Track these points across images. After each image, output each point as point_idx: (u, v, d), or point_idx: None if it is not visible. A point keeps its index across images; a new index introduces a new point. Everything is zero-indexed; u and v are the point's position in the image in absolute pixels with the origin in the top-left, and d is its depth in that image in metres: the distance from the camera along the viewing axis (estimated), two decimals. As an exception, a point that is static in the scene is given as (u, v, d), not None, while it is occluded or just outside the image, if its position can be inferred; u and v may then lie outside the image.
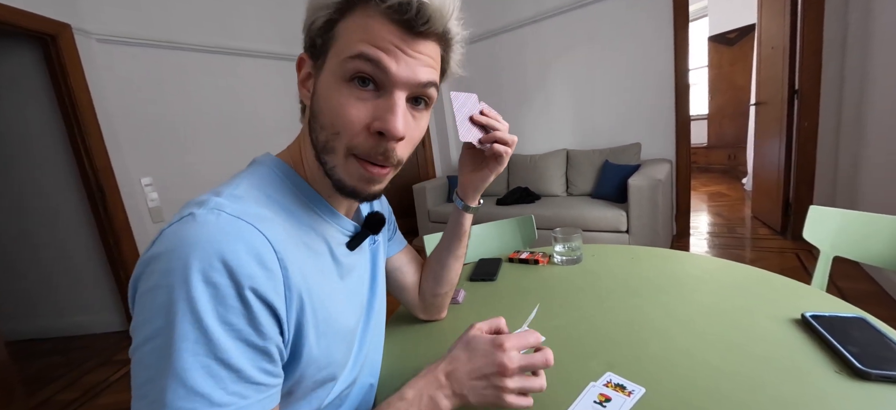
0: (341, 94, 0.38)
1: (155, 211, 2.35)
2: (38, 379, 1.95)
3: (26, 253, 2.32)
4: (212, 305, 0.30)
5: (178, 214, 0.34)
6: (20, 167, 2.19)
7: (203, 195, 0.36)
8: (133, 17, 2.21)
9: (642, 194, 2.10)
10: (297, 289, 0.36)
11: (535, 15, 2.94)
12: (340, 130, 0.38)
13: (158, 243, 0.32)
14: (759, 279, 0.74)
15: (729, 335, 0.57)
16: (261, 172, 0.42)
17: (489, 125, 0.54)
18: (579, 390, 0.50)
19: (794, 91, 2.32)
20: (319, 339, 0.40)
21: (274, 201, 0.40)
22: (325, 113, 0.39)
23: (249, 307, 0.31)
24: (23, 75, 2.04)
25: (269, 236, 0.34)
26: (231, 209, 0.34)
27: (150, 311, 0.30)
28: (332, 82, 0.38)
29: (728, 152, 4.95)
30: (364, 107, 0.38)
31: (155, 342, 0.29)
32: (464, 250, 0.67)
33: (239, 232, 0.32)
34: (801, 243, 2.33)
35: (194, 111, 2.50)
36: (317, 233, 0.43)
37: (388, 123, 0.37)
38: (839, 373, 0.47)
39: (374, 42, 0.36)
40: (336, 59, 0.38)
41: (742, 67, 4.58)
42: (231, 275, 0.30)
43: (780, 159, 2.51)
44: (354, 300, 0.49)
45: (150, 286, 0.30)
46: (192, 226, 0.31)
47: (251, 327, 0.32)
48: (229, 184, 0.38)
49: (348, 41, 0.37)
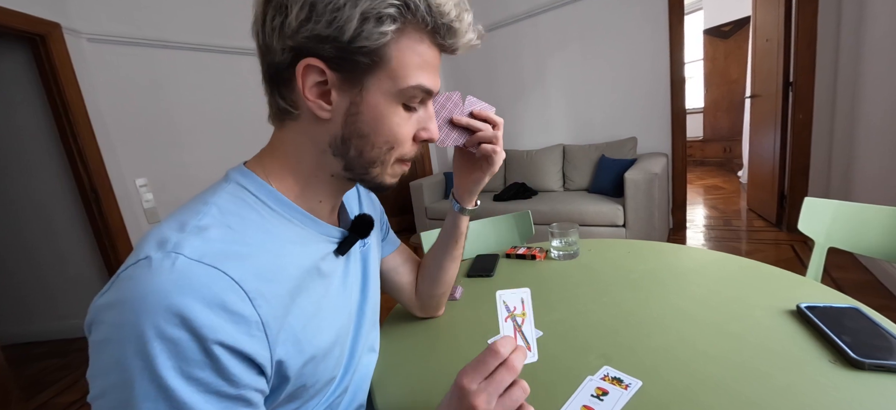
0: (398, 114, 0.40)
1: (150, 212, 2.34)
2: (36, 383, 1.94)
3: (21, 256, 2.30)
4: (172, 361, 0.28)
5: (135, 253, 0.32)
6: (13, 170, 2.17)
7: (166, 226, 0.33)
8: (124, 15, 2.19)
9: (638, 188, 2.10)
10: (275, 322, 0.34)
11: (531, 10, 2.93)
12: (395, 145, 0.41)
13: (112, 290, 0.30)
14: (754, 271, 0.74)
15: (725, 327, 0.58)
16: (233, 190, 0.39)
17: (470, 126, 0.52)
18: (577, 384, 0.50)
19: (789, 83, 2.33)
20: (306, 365, 0.39)
21: (249, 223, 0.37)
22: (379, 133, 0.40)
23: (216, 359, 0.29)
24: (12, 77, 2.01)
25: (237, 277, 0.32)
26: (191, 251, 0.31)
27: (102, 365, 0.29)
28: (385, 103, 0.39)
29: (723, 145, 4.98)
30: (411, 123, 0.42)
31: (110, 398, 0.28)
32: (460, 252, 0.66)
33: (196, 280, 0.30)
34: (796, 234, 2.35)
35: (188, 111, 2.47)
36: (299, 249, 0.41)
37: (433, 132, 0.44)
38: (834, 363, 0.47)
39: (427, 70, 0.39)
40: (390, 82, 0.38)
41: (737, 60, 4.59)
42: (190, 328, 0.28)
43: (775, 151, 2.53)
44: (344, 309, 0.48)
45: (101, 337, 0.29)
46: (146, 275, 0.29)
47: (221, 378, 0.30)
48: (197, 210, 0.35)
49: (406, 67, 0.38)
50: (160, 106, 2.35)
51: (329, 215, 0.48)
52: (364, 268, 0.55)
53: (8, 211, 2.23)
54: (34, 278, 2.32)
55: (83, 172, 2.04)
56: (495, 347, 0.36)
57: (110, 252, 2.15)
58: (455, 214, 0.63)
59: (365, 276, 0.55)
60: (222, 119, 2.62)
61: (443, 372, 0.58)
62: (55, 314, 2.37)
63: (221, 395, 0.30)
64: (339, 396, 0.47)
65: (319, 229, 0.44)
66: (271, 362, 0.34)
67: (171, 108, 2.40)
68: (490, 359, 0.36)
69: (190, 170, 2.47)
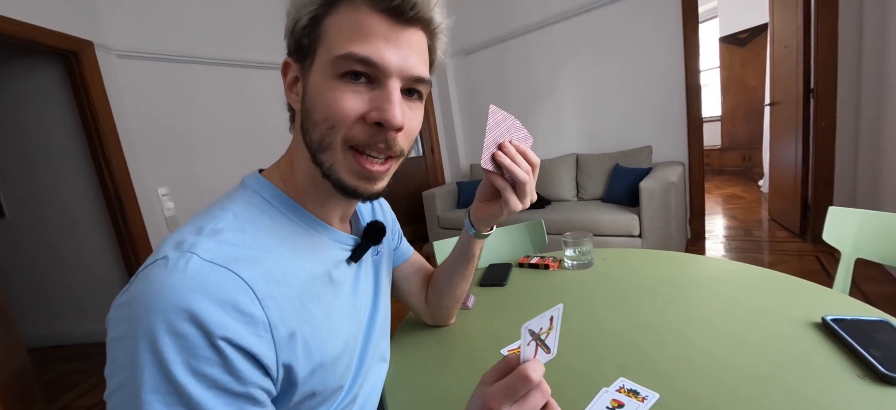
0: (334, 88, 0.37)
1: (171, 220, 2.41)
2: (58, 385, 2.00)
3: (48, 262, 2.40)
4: (181, 356, 0.28)
5: (154, 254, 0.33)
6: (43, 179, 2.27)
7: (185, 230, 0.35)
8: (150, 32, 2.29)
9: (654, 198, 2.07)
10: (285, 327, 0.35)
11: (543, 20, 2.94)
12: (336, 123, 0.37)
13: (131, 288, 0.31)
14: (777, 282, 0.72)
15: (746, 338, 0.56)
16: (248, 197, 0.41)
17: (503, 164, 0.46)
18: (591, 396, 0.49)
19: (810, 90, 2.27)
20: (314, 372, 0.39)
21: (262, 228, 0.38)
22: (318, 109, 0.38)
23: (224, 355, 0.30)
24: (47, 90, 2.12)
25: (247, 279, 0.33)
26: (206, 252, 0.32)
27: (117, 361, 0.29)
28: (322, 80, 0.37)
29: (743, 154, 4.85)
30: (359, 98, 0.37)
31: (123, 393, 0.29)
32: (472, 272, 0.65)
33: (208, 280, 0.31)
34: (821, 245, 2.26)
35: (208, 122, 2.56)
36: (311, 256, 0.41)
37: (387, 112, 0.37)
38: (862, 378, 0.45)
39: (363, 38, 0.36)
40: (325, 57, 0.37)
41: (754, 68, 4.50)
42: (199, 325, 0.29)
43: (797, 159, 2.45)
44: (355, 317, 0.48)
45: (117, 334, 0.30)
46: (162, 273, 0.30)
47: (228, 374, 0.30)
48: (214, 215, 0.37)
49: (337, 38, 0.36)
50: (182, 118, 2.44)
51: (340, 223, 0.48)
52: (376, 277, 0.55)
53: (39, 217, 2.34)
54: (60, 282, 2.41)
55: (110, 181, 2.12)
56: (526, 373, 0.31)
57: (132, 258, 2.22)
58: (469, 237, 0.59)
59: (377, 285, 0.55)
60: (240, 131, 2.70)
61: (456, 382, 0.58)
62: (79, 317, 2.45)
63: (228, 392, 0.30)
64: (348, 405, 0.47)
65: (331, 236, 0.45)
66: (277, 364, 0.34)
67: (192, 120, 2.49)
68: (520, 386, 0.31)
69: (209, 180, 2.55)
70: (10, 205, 2.36)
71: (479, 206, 0.56)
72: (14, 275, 2.41)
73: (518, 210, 0.48)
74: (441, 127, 3.70)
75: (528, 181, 0.46)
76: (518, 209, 0.48)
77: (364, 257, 0.50)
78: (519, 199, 0.47)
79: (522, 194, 0.47)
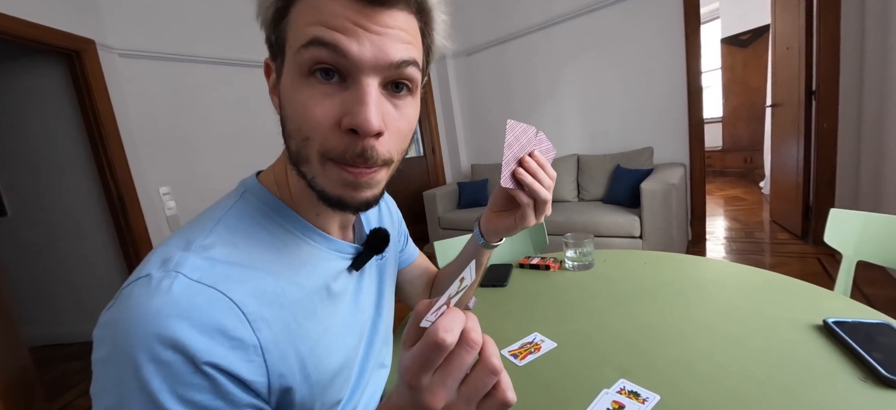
0: (303, 92, 0.32)
1: (172, 219, 2.41)
2: (59, 384, 2.01)
3: (50, 260, 2.40)
4: (166, 384, 0.27)
5: (139, 269, 0.31)
6: (45, 177, 2.28)
7: (173, 241, 0.33)
8: (152, 31, 2.30)
9: (655, 199, 2.06)
10: (278, 350, 0.33)
11: (544, 21, 2.94)
12: (309, 135, 0.32)
13: (114, 307, 0.30)
14: (778, 284, 0.72)
15: (747, 340, 0.56)
16: (242, 206, 0.38)
17: (525, 182, 0.44)
18: (592, 397, 0.49)
19: (812, 92, 2.27)
20: (312, 390, 0.37)
21: (257, 242, 0.36)
22: (291, 118, 0.33)
23: (212, 379, 0.29)
24: (49, 89, 2.13)
25: (237, 299, 0.31)
26: (193, 271, 0.30)
27: (102, 384, 0.28)
28: (291, 81, 0.33)
29: (744, 155, 4.84)
30: (330, 103, 0.32)
31: None
32: (477, 281, 0.64)
33: (194, 303, 0.29)
34: (823, 247, 2.25)
35: (210, 121, 2.56)
36: (308, 269, 0.39)
37: (358, 116, 0.31)
38: (864, 381, 0.45)
39: (327, 22, 0.30)
40: (292, 51, 0.32)
41: (756, 69, 4.49)
42: (182, 352, 0.27)
43: (798, 161, 2.45)
44: (354, 329, 0.45)
45: (101, 356, 0.29)
46: (143, 295, 0.29)
47: (219, 398, 0.29)
48: (205, 227, 0.35)
49: (299, 28, 0.31)
50: (183, 117, 2.44)
51: (341, 229, 0.46)
52: (379, 282, 0.53)
53: (41, 215, 2.34)
54: (62, 281, 2.42)
55: (111, 180, 2.13)
56: (436, 338, 0.24)
57: (134, 257, 2.22)
58: (477, 246, 0.56)
59: (380, 291, 0.52)
60: (242, 130, 2.71)
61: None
62: (80, 316, 2.45)
63: None
64: None
65: (330, 245, 0.42)
66: (269, 387, 0.33)
67: (194, 119, 2.49)
68: (433, 355, 0.25)
69: (211, 179, 2.55)
70: (12, 203, 2.37)
71: (492, 217, 0.52)
72: (16, 273, 2.42)
73: (531, 220, 0.46)
74: (442, 127, 3.70)
75: (549, 199, 0.45)
76: (533, 224, 0.47)
77: (367, 263, 0.48)
78: (536, 216, 0.46)
79: (541, 211, 0.46)
